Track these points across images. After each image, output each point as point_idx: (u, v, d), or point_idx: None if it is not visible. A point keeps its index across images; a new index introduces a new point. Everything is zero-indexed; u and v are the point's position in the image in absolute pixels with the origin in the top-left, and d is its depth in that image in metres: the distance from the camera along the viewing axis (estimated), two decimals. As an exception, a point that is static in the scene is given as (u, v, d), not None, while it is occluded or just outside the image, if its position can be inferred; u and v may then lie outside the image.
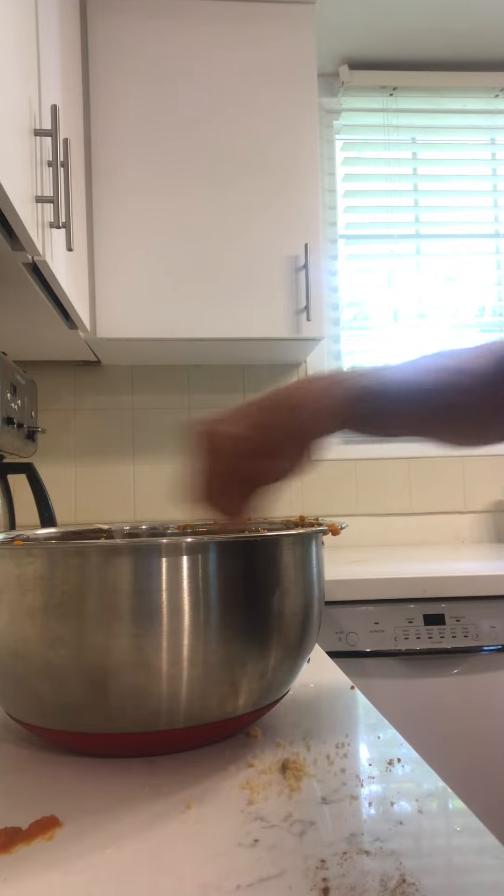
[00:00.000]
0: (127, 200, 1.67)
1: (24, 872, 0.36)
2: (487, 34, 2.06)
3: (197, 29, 1.70)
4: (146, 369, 2.04)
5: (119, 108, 1.68)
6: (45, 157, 1.15)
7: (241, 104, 1.71)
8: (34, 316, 1.42)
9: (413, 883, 0.34)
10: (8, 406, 1.33)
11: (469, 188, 2.25)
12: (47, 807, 0.43)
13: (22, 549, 0.49)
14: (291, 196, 1.72)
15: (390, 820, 0.40)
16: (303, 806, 0.42)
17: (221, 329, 1.69)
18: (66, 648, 0.47)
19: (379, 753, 0.50)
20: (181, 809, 0.42)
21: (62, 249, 1.26)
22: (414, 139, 2.23)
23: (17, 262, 1.11)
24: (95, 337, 1.66)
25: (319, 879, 0.34)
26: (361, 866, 0.35)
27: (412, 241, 2.21)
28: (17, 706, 0.52)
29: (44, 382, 1.88)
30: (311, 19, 1.74)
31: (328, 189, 2.16)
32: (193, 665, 0.48)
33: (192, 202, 1.68)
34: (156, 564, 0.47)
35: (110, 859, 0.37)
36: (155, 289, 1.66)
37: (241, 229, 1.69)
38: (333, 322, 2.15)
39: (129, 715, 0.48)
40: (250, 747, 0.52)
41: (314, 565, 0.58)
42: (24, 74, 1.06)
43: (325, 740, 0.53)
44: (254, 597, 0.51)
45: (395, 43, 2.09)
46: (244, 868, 0.36)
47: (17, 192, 0.96)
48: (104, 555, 0.48)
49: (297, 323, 1.70)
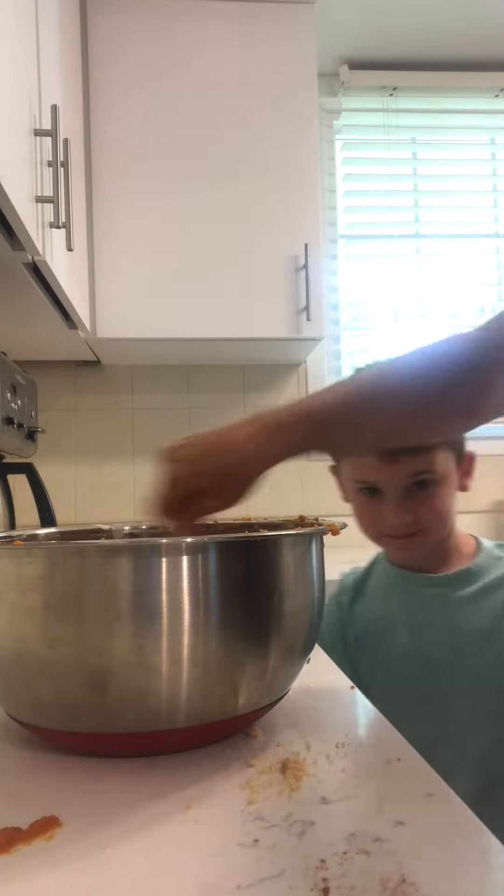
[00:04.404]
0: (127, 200, 1.67)
1: (24, 872, 0.36)
2: (487, 34, 2.06)
3: (197, 29, 1.70)
4: (146, 369, 2.04)
5: (119, 108, 1.68)
6: (45, 157, 1.15)
7: (241, 104, 1.71)
8: (34, 316, 1.42)
9: (413, 883, 0.34)
10: (8, 406, 1.33)
11: (469, 188, 2.25)
12: (47, 807, 0.43)
13: (22, 549, 0.49)
14: (291, 196, 1.71)
15: (390, 820, 0.40)
16: (303, 806, 0.42)
17: (221, 329, 1.69)
18: (66, 648, 0.47)
19: (379, 753, 0.50)
20: (181, 809, 0.42)
21: (62, 249, 1.26)
22: (414, 139, 2.23)
23: (17, 262, 1.11)
24: (95, 337, 1.66)
25: (319, 879, 0.34)
26: (361, 866, 0.35)
27: (412, 241, 2.21)
28: (17, 706, 0.52)
29: (44, 382, 1.87)
30: (311, 19, 1.74)
31: (328, 189, 2.16)
32: (193, 665, 0.48)
33: (192, 202, 1.68)
34: (156, 564, 0.47)
35: (110, 859, 0.37)
36: (155, 289, 1.66)
37: (241, 229, 1.69)
38: (333, 322, 2.15)
39: (128, 715, 0.48)
40: (250, 747, 0.52)
41: (314, 565, 0.58)
42: (24, 74, 1.06)
43: (325, 740, 0.53)
44: (254, 597, 0.51)
45: (395, 43, 2.09)
46: (244, 868, 0.36)
47: (17, 192, 0.95)
48: (104, 555, 0.48)
49: (297, 323, 1.70)
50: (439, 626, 0.88)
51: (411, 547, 0.89)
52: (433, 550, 0.90)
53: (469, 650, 0.85)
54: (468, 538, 0.96)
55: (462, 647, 0.86)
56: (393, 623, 0.93)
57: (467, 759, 0.83)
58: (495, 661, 0.84)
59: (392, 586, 0.95)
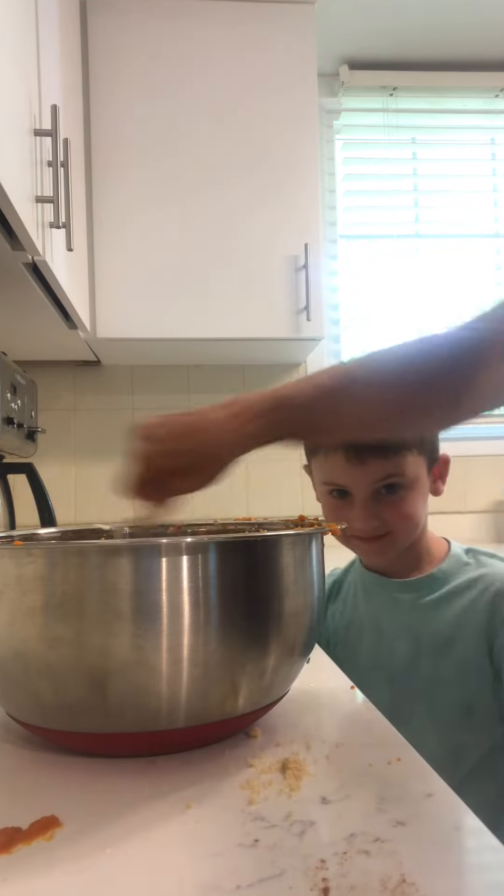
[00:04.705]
0: (127, 200, 1.67)
1: (24, 872, 0.36)
2: (487, 34, 2.06)
3: (197, 29, 1.70)
4: (146, 369, 2.03)
5: (119, 108, 1.68)
6: (45, 157, 1.15)
7: (240, 104, 1.71)
8: (34, 316, 1.42)
9: (413, 883, 0.34)
10: (8, 406, 1.33)
11: (469, 188, 2.25)
12: (47, 807, 0.43)
13: (22, 549, 0.49)
14: (291, 196, 1.71)
15: (390, 820, 0.40)
16: (303, 806, 0.42)
17: (221, 329, 1.69)
18: (66, 648, 0.47)
19: (379, 753, 0.50)
20: (181, 809, 0.42)
21: (62, 249, 1.26)
22: (414, 139, 2.23)
23: (17, 262, 1.11)
24: (95, 337, 1.66)
25: (319, 879, 0.34)
26: (361, 866, 0.35)
27: (412, 241, 2.20)
28: (17, 706, 0.52)
29: (44, 382, 1.87)
30: (311, 19, 1.74)
31: (328, 189, 2.16)
32: (193, 665, 0.47)
33: (192, 202, 1.68)
34: (156, 564, 0.47)
35: (110, 859, 0.37)
36: (155, 289, 1.66)
37: (241, 229, 1.69)
38: (333, 322, 2.15)
39: (129, 715, 0.48)
40: (250, 747, 0.52)
41: (314, 565, 0.58)
42: (24, 74, 1.06)
43: (324, 740, 0.53)
44: (254, 597, 0.51)
45: (395, 43, 2.08)
46: (244, 868, 0.36)
47: (17, 192, 0.95)
48: (104, 555, 0.48)
49: (297, 323, 1.70)
50: (403, 631, 0.88)
51: (381, 551, 0.88)
52: (403, 554, 0.89)
53: (429, 656, 0.85)
54: (440, 542, 0.94)
55: (423, 653, 0.85)
56: (360, 626, 0.92)
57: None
58: (455, 668, 0.83)
59: (363, 590, 0.95)
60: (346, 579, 1.00)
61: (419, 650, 0.86)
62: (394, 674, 0.87)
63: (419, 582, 0.89)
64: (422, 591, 0.88)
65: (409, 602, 0.89)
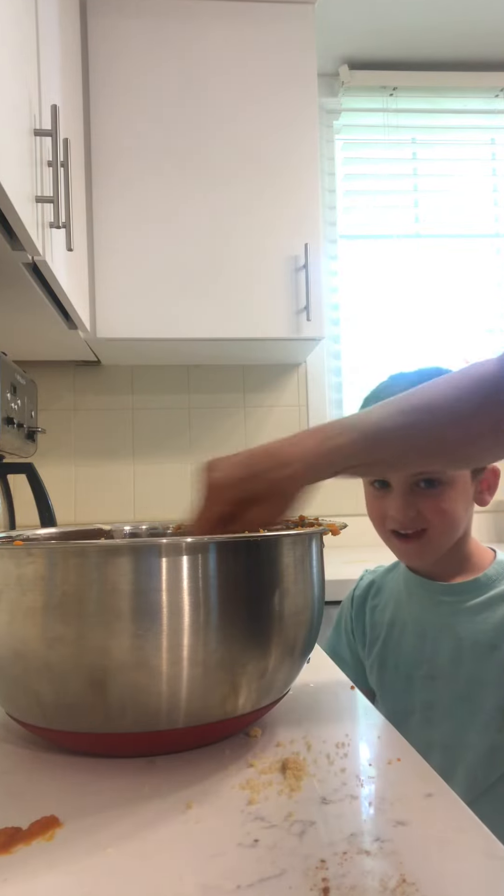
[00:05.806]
0: (127, 200, 1.67)
1: (24, 872, 0.36)
2: (487, 34, 2.06)
3: (197, 29, 1.70)
4: (146, 369, 2.04)
5: (119, 108, 1.68)
6: (45, 157, 1.15)
7: (240, 104, 1.71)
8: (34, 316, 1.42)
9: (413, 883, 0.34)
10: (8, 406, 1.33)
11: (469, 188, 2.25)
12: (47, 807, 0.43)
13: (22, 549, 0.49)
14: (291, 196, 1.71)
15: (390, 820, 0.40)
16: (303, 806, 0.42)
17: (221, 329, 1.69)
18: (66, 648, 0.47)
19: (379, 753, 0.50)
20: (181, 809, 0.42)
21: (62, 249, 1.26)
22: (414, 139, 2.23)
23: (17, 262, 1.11)
24: (95, 337, 1.66)
25: (319, 879, 0.34)
26: (361, 866, 0.35)
27: (412, 241, 2.20)
28: (17, 706, 0.52)
29: (44, 382, 1.87)
30: (311, 19, 1.74)
31: (328, 189, 2.16)
32: (193, 665, 0.47)
33: (192, 202, 1.68)
34: (156, 564, 0.47)
35: (110, 859, 0.37)
36: (155, 289, 1.66)
37: (241, 229, 1.69)
38: (333, 322, 2.15)
39: (128, 715, 0.48)
40: (250, 747, 0.52)
41: (314, 565, 0.58)
42: (24, 74, 1.06)
43: (325, 740, 0.53)
44: (254, 597, 0.51)
45: (395, 43, 2.09)
46: (244, 868, 0.36)
47: (17, 192, 0.95)
48: (104, 555, 0.48)
49: (297, 323, 1.70)
50: (445, 633, 0.88)
51: (418, 553, 0.89)
52: (446, 558, 0.90)
53: (471, 658, 0.86)
54: (486, 551, 0.96)
55: (465, 655, 0.86)
56: (403, 626, 0.93)
57: (460, 765, 0.83)
58: (497, 671, 0.84)
59: (406, 590, 0.96)
60: (388, 578, 1.01)
61: (461, 651, 0.87)
62: (433, 674, 0.88)
63: (462, 586, 0.90)
64: (465, 595, 0.89)
65: (452, 605, 0.89)
